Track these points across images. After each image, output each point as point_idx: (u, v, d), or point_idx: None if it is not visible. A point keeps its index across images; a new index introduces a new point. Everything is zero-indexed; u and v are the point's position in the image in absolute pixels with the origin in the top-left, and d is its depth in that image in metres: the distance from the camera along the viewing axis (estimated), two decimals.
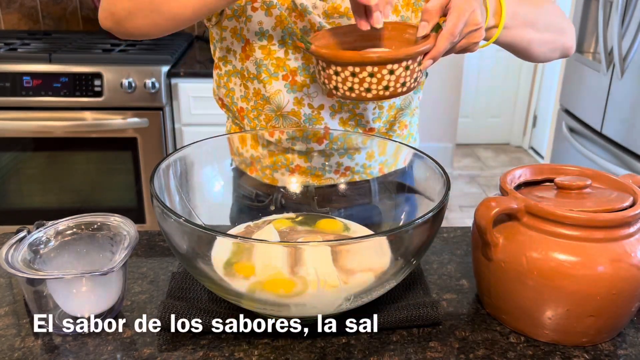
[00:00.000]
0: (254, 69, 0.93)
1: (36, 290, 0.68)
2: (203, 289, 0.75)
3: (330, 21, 0.90)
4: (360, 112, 0.95)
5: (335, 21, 0.90)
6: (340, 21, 0.90)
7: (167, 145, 2.17)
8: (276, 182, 0.97)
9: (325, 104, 0.94)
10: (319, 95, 0.94)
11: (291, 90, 0.93)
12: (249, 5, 0.89)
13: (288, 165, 0.97)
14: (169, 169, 0.78)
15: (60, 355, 0.65)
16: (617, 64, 1.89)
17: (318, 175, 0.97)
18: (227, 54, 0.96)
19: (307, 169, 0.97)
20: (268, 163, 0.98)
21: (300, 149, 0.95)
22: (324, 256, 0.66)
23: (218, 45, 0.97)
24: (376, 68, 0.72)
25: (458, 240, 0.93)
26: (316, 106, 0.94)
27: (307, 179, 0.97)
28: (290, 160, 0.96)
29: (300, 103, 0.94)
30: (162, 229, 0.68)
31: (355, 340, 0.69)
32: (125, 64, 2.05)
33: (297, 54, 0.91)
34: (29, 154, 2.14)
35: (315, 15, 0.88)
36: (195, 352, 0.66)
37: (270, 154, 0.97)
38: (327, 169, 0.96)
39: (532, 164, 0.79)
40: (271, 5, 0.88)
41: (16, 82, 2.01)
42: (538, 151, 3.98)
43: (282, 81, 0.93)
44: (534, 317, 0.68)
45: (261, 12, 0.89)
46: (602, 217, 0.64)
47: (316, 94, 0.93)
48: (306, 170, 0.97)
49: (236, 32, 0.93)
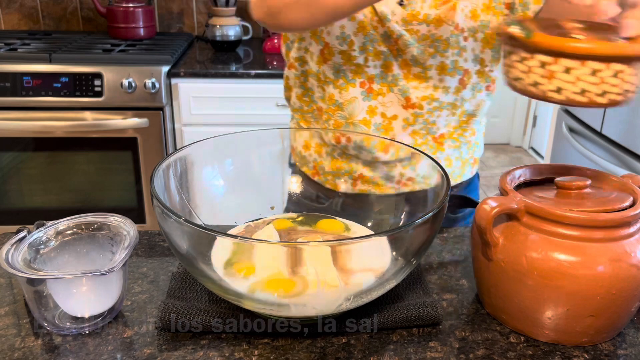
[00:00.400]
0: (331, 74, 0.94)
1: (36, 290, 0.68)
2: (203, 289, 0.75)
3: (409, 28, 0.90)
4: (434, 119, 0.96)
5: (413, 28, 0.90)
6: (419, 28, 0.90)
7: (167, 145, 2.17)
8: (338, 188, 0.98)
9: (400, 115, 0.95)
10: (394, 105, 0.94)
11: (367, 98, 0.94)
12: None
13: (352, 173, 0.98)
14: (169, 169, 0.78)
15: (60, 355, 0.65)
16: None
17: (380, 185, 0.97)
18: (304, 54, 0.97)
19: (370, 179, 0.97)
20: (330, 169, 0.99)
21: (365, 158, 0.95)
22: (324, 256, 0.66)
23: (295, 45, 0.97)
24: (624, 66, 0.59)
25: (458, 240, 0.93)
26: (389, 115, 0.95)
27: (369, 187, 0.98)
28: (354, 169, 0.97)
29: (373, 112, 0.94)
30: (162, 229, 0.69)
31: (355, 340, 0.69)
32: (125, 64, 2.05)
33: (376, 61, 0.91)
34: (29, 154, 2.14)
35: (394, 23, 0.88)
36: (195, 352, 0.66)
37: (334, 161, 0.99)
38: (389, 178, 0.96)
39: (532, 164, 0.79)
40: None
41: (16, 82, 2.01)
42: (538, 151, 3.98)
43: (359, 88, 0.93)
44: (533, 317, 0.68)
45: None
46: (602, 217, 0.64)
47: (391, 103, 0.94)
48: (369, 180, 0.97)
49: (316, 34, 0.92)
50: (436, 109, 0.96)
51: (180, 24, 2.66)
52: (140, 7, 2.40)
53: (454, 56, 0.93)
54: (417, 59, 0.91)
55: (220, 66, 2.19)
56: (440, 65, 0.93)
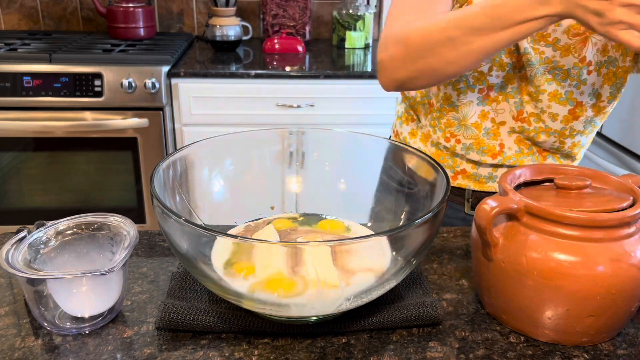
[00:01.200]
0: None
1: (36, 290, 0.68)
2: (203, 289, 0.75)
3: (535, 47, 0.92)
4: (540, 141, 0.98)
5: (539, 48, 0.91)
6: (544, 50, 0.91)
7: (167, 145, 2.17)
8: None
9: (508, 123, 0.98)
10: (505, 113, 0.97)
11: (482, 103, 0.97)
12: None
13: (454, 167, 1.01)
14: (169, 169, 0.78)
15: (60, 355, 0.65)
16: None
17: (481, 182, 1.02)
18: None
19: (472, 175, 1.01)
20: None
21: (472, 159, 1.00)
22: (324, 256, 0.67)
23: None
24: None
25: (458, 240, 0.93)
26: (498, 121, 0.98)
27: (469, 183, 1.01)
28: (457, 163, 1.01)
29: (485, 116, 0.98)
30: (162, 229, 0.69)
31: (355, 340, 0.69)
32: (126, 64, 2.05)
33: (500, 71, 0.94)
34: (29, 154, 2.14)
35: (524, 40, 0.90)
36: (195, 352, 0.66)
37: (438, 153, 1.02)
38: (493, 178, 1.00)
39: (532, 164, 0.79)
40: None
41: (16, 82, 2.01)
42: None
43: (477, 94, 0.96)
44: (533, 317, 0.68)
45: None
46: (602, 217, 0.64)
47: (502, 111, 0.97)
48: (471, 176, 1.01)
49: None
50: (542, 130, 0.97)
51: (180, 24, 2.66)
52: (140, 7, 2.40)
53: (570, 87, 0.93)
54: (533, 80, 0.93)
55: (220, 66, 2.19)
56: (554, 92, 0.94)
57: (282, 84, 2.15)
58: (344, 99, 2.19)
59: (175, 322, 0.68)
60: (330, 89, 2.17)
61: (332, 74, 2.15)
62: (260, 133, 0.95)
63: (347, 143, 0.98)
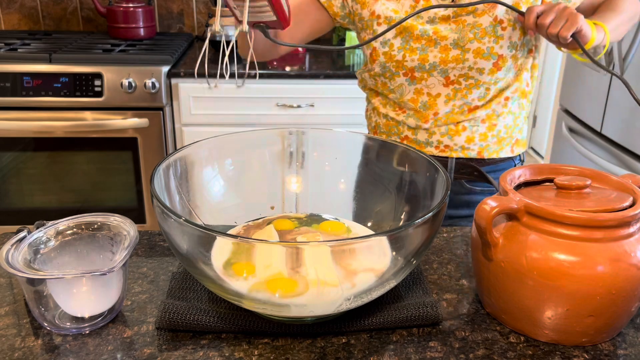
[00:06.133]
0: (379, 69, 1.15)
1: (36, 290, 0.68)
2: (203, 289, 0.75)
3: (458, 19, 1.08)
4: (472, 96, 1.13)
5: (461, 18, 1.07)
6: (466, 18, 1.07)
7: (167, 145, 2.17)
8: None
9: (442, 93, 1.14)
10: (435, 85, 1.13)
11: (412, 83, 1.14)
12: (375, 21, 1.12)
13: (399, 134, 1.21)
14: (169, 169, 0.78)
15: (60, 355, 0.65)
16: (617, 64, 1.89)
17: (421, 147, 1.19)
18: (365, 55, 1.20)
19: (414, 140, 1.19)
20: (385, 130, 1.23)
21: (410, 124, 1.17)
22: (324, 256, 0.66)
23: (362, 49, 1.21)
24: None
25: (458, 240, 0.93)
26: (434, 94, 1.14)
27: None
28: (401, 130, 1.20)
29: (420, 92, 1.15)
30: (162, 229, 0.69)
31: (355, 340, 0.69)
32: (126, 64, 2.05)
33: (413, 55, 1.11)
34: (29, 154, 2.14)
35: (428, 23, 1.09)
36: (195, 352, 0.66)
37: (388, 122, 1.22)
38: (430, 143, 1.18)
39: (532, 164, 0.79)
40: (391, 20, 1.10)
41: (16, 82, 2.01)
42: (538, 151, 3.97)
43: (403, 77, 1.14)
44: (533, 317, 0.68)
45: (384, 26, 1.11)
46: (602, 217, 0.64)
47: (433, 85, 1.13)
48: (413, 141, 1.19)
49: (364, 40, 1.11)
50: (473, 85, 1.12)
51: (180, 24, 2.66)
52: (140, 7, 2.40)
53: (491, 43, 1.08)
54: (458, 43, 1.08)
55: None
56: (477, 49, 1.08)
57: (282, 84, 2.15)
58: (344, 99, 2.19)
59: (175, 322, 0.68)
60: (330, 89, 2.17)
61: (332, 74, 2.15)
62: (260, 133, 0.95)
63: (347, 143, 0.98)
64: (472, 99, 1.14)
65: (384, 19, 1.11)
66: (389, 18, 1.10)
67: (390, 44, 1.12)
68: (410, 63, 1.11)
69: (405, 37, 1.10)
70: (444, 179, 0.74)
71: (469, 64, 1.09)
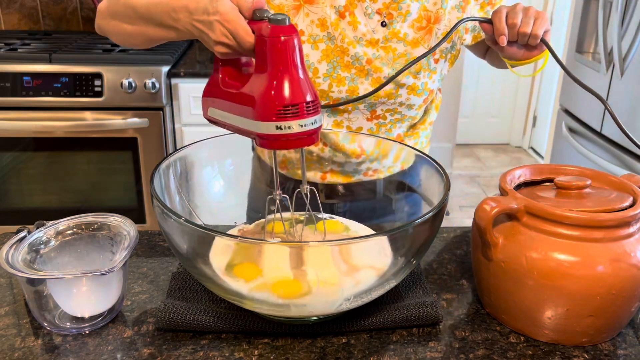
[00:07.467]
0: None
1: (36, 290, 0.68)
2: (203, 289, 0.75)
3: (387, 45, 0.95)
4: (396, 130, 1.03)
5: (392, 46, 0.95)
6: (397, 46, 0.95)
7: (167, 145, 2.17)
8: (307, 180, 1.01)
9: (364, 127, 1.01)
10: (359, 119, 1.00)
11: (332, 114, 1.00)
12: None
13: (322, 169, 1.03)
14: (169, 169, 0.78)
15: (60, 355, 0.65)
16: (617, 64, 1.89)
17: (349, 177, 1.03)
18: None
19: (340, 172, 1.03)
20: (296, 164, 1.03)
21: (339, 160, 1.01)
22: (324, 256, 0.66)
23: None
24: None
25: (458, 240, 0.93)
26: (354, 128, 1.01)
27: (338, 179, 1.03)
28: (324, 165, 1.03)
29: (339, 125, 1.01)
30: (162, 229, 0.69)
31: (355, 340, 0.69)
32: (126, 64, 2.05)
33: (341, 86, 0.96)
34: (29, 154, 2.14)
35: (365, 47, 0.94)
36: (195, 352, 0.66)
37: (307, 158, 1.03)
38: (358, 171, 1.03)
39: (532, 164, 0.79)
40: (317, 39, 0.93)
41: (16, 82, 2.01)
42: (538, 151, 3.97)
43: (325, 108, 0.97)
44: (533, 317, 0.68)
45: (308, 46, 0.94)
46: (602, 217, 0.64)
47: (356, 118, 1.00)
48: (339, 173, 1.03)
49: None
50: (398, 120, 1.02)
51: None
52: None
53: (425, 78, 0.98)
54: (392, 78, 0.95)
55: None
56: (412, 86, 0.97)
57: None
58: None
59: (175, 322, 0.68)
60: None
61: None
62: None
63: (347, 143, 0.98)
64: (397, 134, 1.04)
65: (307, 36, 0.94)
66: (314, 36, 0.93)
67: (314, 68, 0.95)
68: (337, 94, 0.96)
69: (332, 62, 0.95)
70: (444, 178, 0.74)
71: (401, 99, 0.98)
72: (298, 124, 0.65)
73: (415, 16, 0.95)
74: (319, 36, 0.93)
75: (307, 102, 0.65)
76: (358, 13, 0.93)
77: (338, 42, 0.94)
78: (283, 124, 0.65)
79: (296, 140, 0.67)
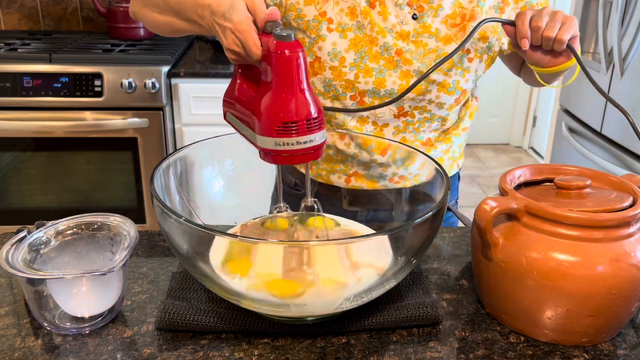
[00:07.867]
0: (321, 87, 0.95)
1: (36, 290, 0.68)
2: (203, 289, 0.75)
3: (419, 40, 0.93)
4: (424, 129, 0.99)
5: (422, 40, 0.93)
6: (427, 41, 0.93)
7: (167, 145, 2.17)
8: (332, 183, 1.02)
9: (391, 124, 0.98)
10: (385, 115, 0.96)
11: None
12: (325, 24, 0.91)
13: (346, 171, 1.01)
14: (169, 169, 0.78)
15: (60, 355, 0.65)
16: (617, 64, 1.89)
17: (373, 182, 1.00)
18: None
19: (365, 176, 1.00)
20: (325, 166, 1.02)
21: (363, 159, 0.98)
22: (324, 256, 0.66)
23: None
24: None
25: (458, 240, 0.93)
26: (380, 124, 0.98)
27: (362, 184, 1.01)
28: (349, 167, 1.00)
29: (364, 121, 0.98)
30: (162, 229, 0.69)
31: (355, 340, 0.69)
32: (126, 64, 2.05)
33: (367, 77, 0.93)
34: (29, 154, 2.14)
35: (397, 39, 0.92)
36: (195, 352, 0.66)
37: (329, 159, 1.01)
38: (383, 176, 0.99)
39: (532, 164, 0.79)
40: (346, 27, 0.91)
41: (16, 82, 2.01)
42: (538, 151, 3.98)
43: (350, 101, 0.95)
44: (533, 317, 0.68)
45: (336, 34, 0.92)
46: (602, 217, 0.64)
47: (382, 113, 0.96)
48: (363, 177, 1.00)
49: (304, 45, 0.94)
50: (427, 120, 0.98)
51: None
52: None
53: (457, 76, 0.95)
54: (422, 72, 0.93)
55: (220, 66, 2.19)
56: (442, 83, 0.94)
57: None
58: None
59: (175, 322, 0.68)
60: None
61: None
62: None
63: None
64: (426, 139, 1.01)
65: (336, 24, 0.92)
66: (342, 25, 0.92)
67: (341, 57, 0.92)
68: (363, 86, 0.93)
69: (360, 52, 0.92)
70: (444, 178, 0.74)
71: (430, 97, 0.95)
72: (297, 140, 0.66)
73: (448, 12, 0.92)
74: (347, 25, 0.91)
75: (307, 120, 0.65)
76: (389, 3, 0.91)
77: (367, 31, 0.91)
78: (283, 140, 0.65)
79: (298, 156, 0.67)
